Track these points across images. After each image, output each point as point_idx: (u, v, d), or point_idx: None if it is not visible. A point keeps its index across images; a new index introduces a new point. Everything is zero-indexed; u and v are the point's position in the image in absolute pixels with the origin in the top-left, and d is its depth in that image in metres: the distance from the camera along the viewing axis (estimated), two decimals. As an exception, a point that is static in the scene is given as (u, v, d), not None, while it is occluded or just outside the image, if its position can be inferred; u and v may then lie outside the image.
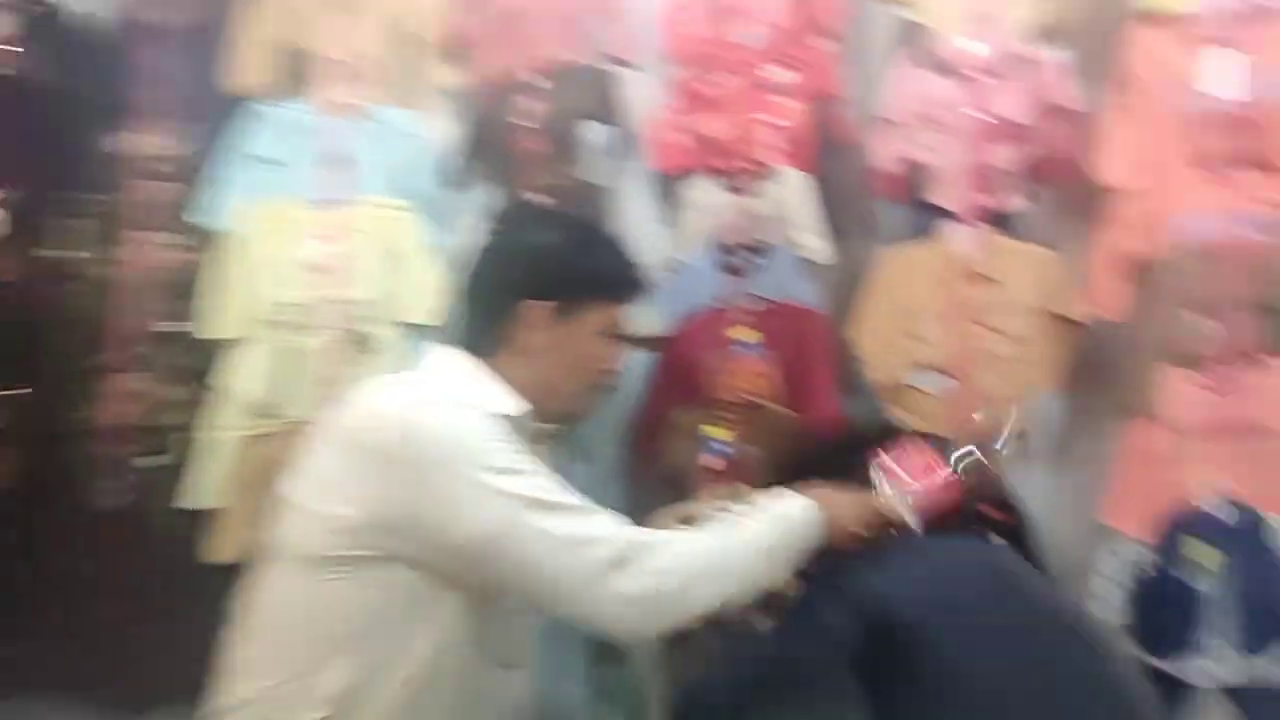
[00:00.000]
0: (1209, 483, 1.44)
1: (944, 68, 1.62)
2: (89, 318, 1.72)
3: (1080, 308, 1.58)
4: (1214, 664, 1.42)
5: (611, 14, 1.74)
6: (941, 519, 1.06)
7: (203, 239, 1.72)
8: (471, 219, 1.77)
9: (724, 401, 1.60)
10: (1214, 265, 1.48)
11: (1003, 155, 1.60)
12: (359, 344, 1.67)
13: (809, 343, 1.62)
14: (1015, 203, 1.61)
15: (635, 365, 1.73)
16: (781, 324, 1.63)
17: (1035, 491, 1.64)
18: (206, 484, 1.63)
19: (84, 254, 1.72)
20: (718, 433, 1.58)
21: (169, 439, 1.69)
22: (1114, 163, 1.57)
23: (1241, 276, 1.47)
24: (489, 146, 1.77)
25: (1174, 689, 1.43)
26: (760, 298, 1.63)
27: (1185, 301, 1.50)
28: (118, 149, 1.73)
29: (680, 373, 1.66)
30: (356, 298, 1.68)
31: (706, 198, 1.69)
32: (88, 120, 1.75)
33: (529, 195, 1.67)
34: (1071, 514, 1.66)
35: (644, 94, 1.77)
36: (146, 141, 1.71)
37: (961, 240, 1.59)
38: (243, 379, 1.64)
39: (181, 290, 1.71)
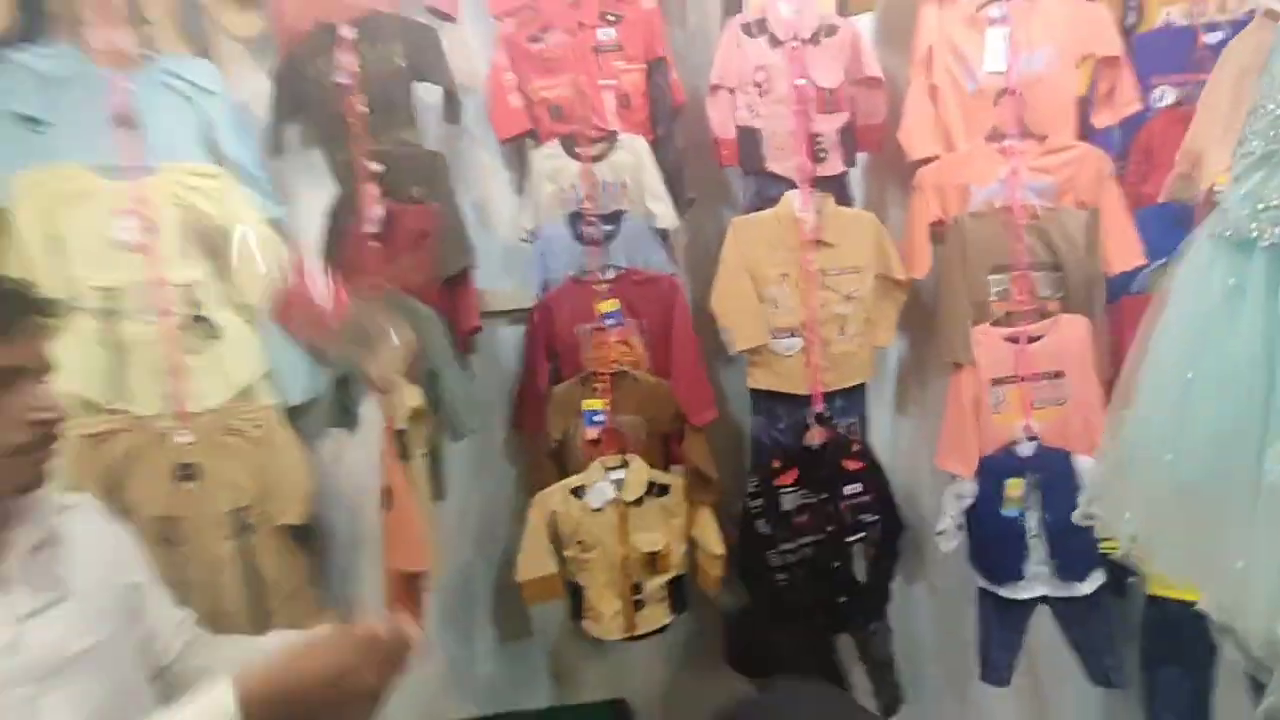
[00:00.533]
0: (1018, 425, 1.62)
1: (766, 33, 1.64)
2: None
3: (902, 267, 1.70)
4: (1037, 585, 1.62)
5: None
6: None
7: None
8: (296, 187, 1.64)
9: (595, 373, 1.60)
10: (1002, 228, 1.64)
11: (826, 122, 1.67)
12: (201, 330, 1.49)
13: (667, 309, 1.63)
14: (840, 169, 1.70)
15: (509, 342, 1.74)
16: (639, 292, 1.64)
17: (887, 440, 1.83)
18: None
19: None
20: (593, 404, 1.58)
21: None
22: (913, 134, 1.69)
23: (1025, 237, 1.64)
24: (305, 105, 1.60)
25: (1010, 605, 1.64)
26: (618, 267, 1.63)
27: (983, 261, 1.67)
28: None
29: (552, 344, 1.64)
30: (182, 279, 1.48)
31: (554, 164, 1.64)
32: None
33: (362, 161, 1.53)
34: (925, 458, 1.80)
35: (471, 50, 1.68)
36: None
37: (800, 206, 1.66)
38: (64, 374, 1.38)
39: None
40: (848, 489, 1.69)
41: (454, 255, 1.60)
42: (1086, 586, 1.66)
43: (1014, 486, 1.64)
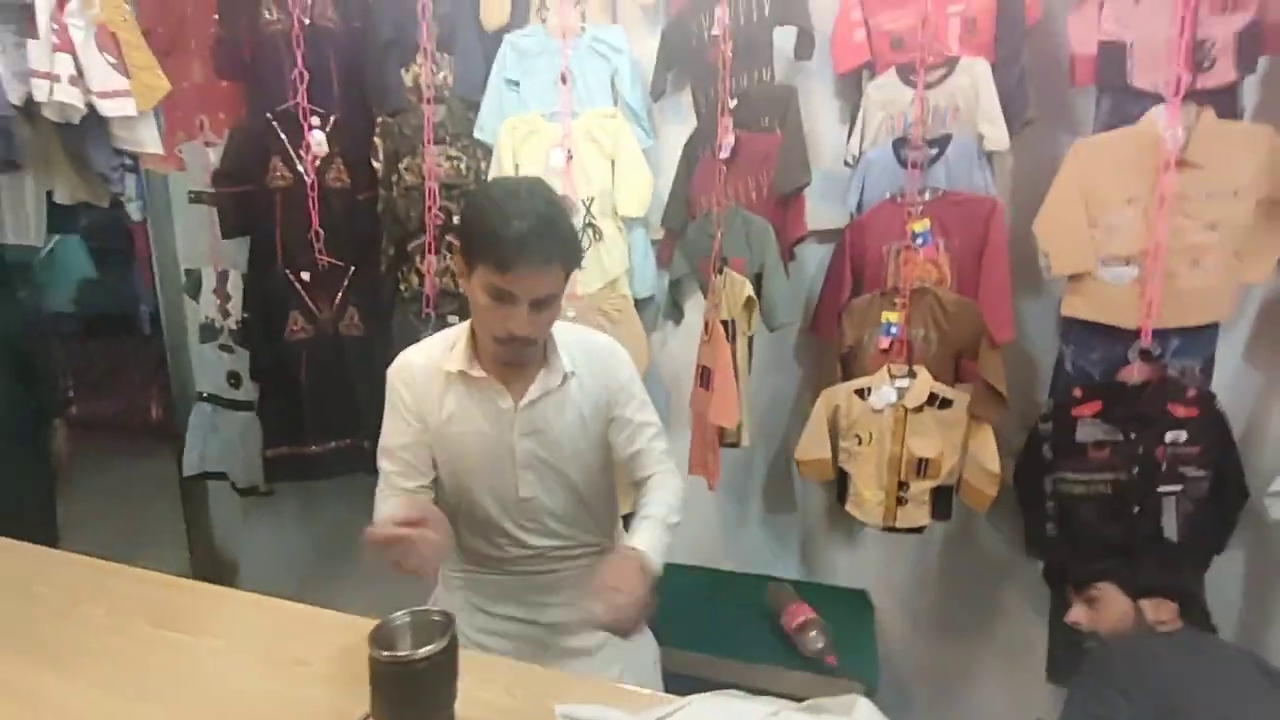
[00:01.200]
0: None
1: None
2: (396, 214, 1.94)
3: None
4: None
5: None
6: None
7: (473, 151, 1.86)
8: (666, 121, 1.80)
9: (897, 289, 1.51)
10: None
11: (1219, 25, 1.27)
12: (592, 232, 1.76)
13: (981, 230, 1.44)
14: (1231, 78, 1.29)
15: (815, 257, 1.73)
16: (955, 213, 1.46)
17: (1244, 390, 1.45)
18: None
19: (387, 164, 1.92)
20: (890, 316, 1.50)
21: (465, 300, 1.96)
22: None
23: None
24: (685, 55, 1.70)
25: None
26: (935, 189, 1.47)
27: None
28: (399, 79, 1.88)
29: (858, 261, 1.57)
30: (585, 194, 1.75)
31: (887, 93, 1.51)
32: (380, 56, 1.89)
33: (724, 97, 1.60)
34: (1269, 416, 1.43)
35: None
36: (423, 70, 1.84)
37: (1165, 124, 1.30)
38: None
39: (461, 192, 1.87)
40: (1170, 435, 1.34)
41: (793, 174, 1.57)
42: None
43: None
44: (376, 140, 1.93)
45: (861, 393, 1.54)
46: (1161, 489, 1.37)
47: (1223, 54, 1.30)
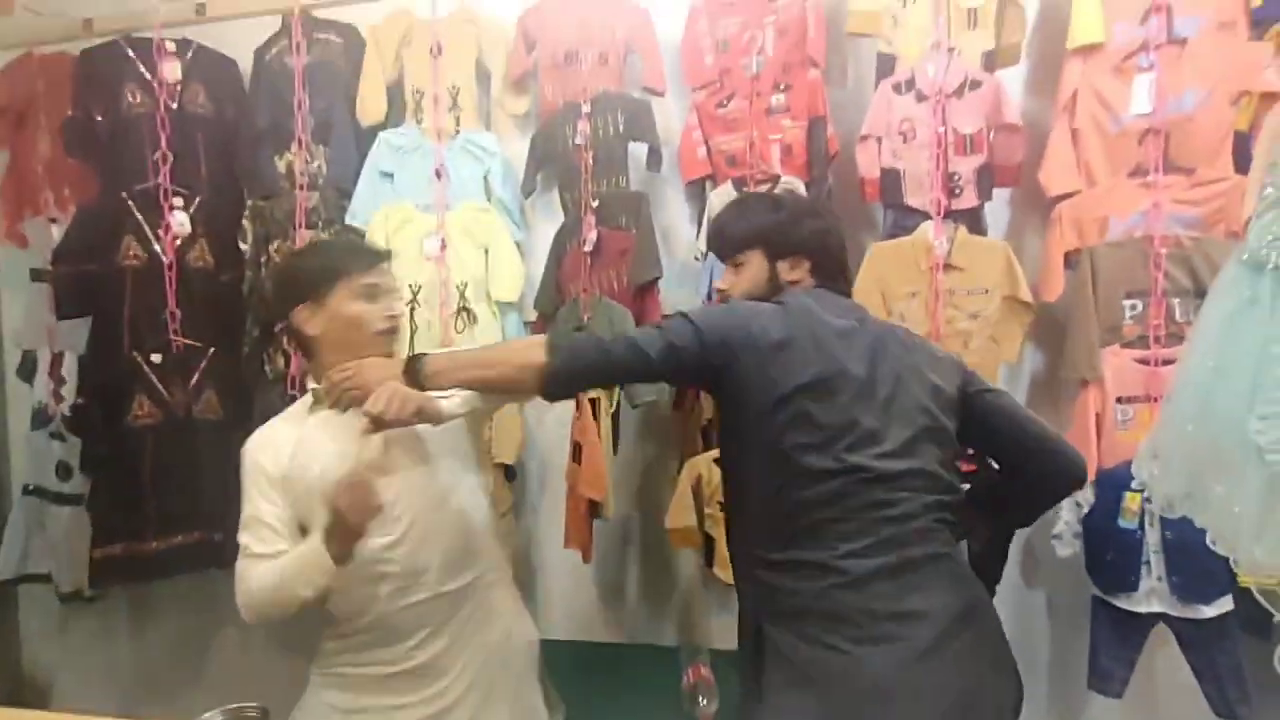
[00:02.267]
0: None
1: (914, 90, 1.67)
2: (264, 296, 1.90)
3: (1029, 291, 1.61)
4: (1154, 600, 1.49)
5: (645, 52, 1.84)
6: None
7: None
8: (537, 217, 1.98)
9: None
10: (1139, 255, 1.51)
11: (964, 163, 1.65)
12: (466, 317, 1.87)
13: None
14: (975, 203, 1.66)
15: None
16: None
17: None
18: None
19: (255, 246, 1.94)
20: None
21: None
22: (1054, 172, 1.60)
23: (1166, 265, 1.49)
24: (552, 161, 1.90)
25: (1124, 616, 1.51)
26: None
27: (1117, 287, 1.54)
28: (273, 166, 1.96)
29: None
30: (459, 280, 1.86)
31: (725, 200, 1.68)
32: (253, 142, 1.97)
33: (586, 198, 1.80)
34: None
35: (675, 116, 1.88)
36: (296, 159, 1.90)
37: (933, 235, 1.63)
38: None
39: None
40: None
41: (645, 268, 1.78)
42: (1210, 610, 1.44)
43: (1132, 500, 1.47)
44: (245, 223, 1.96)
45: (718, 461, 1.71)
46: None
47: (968, 185, 1.68)
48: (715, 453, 1.72)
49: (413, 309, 1.86)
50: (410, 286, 1.86)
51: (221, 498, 1.97)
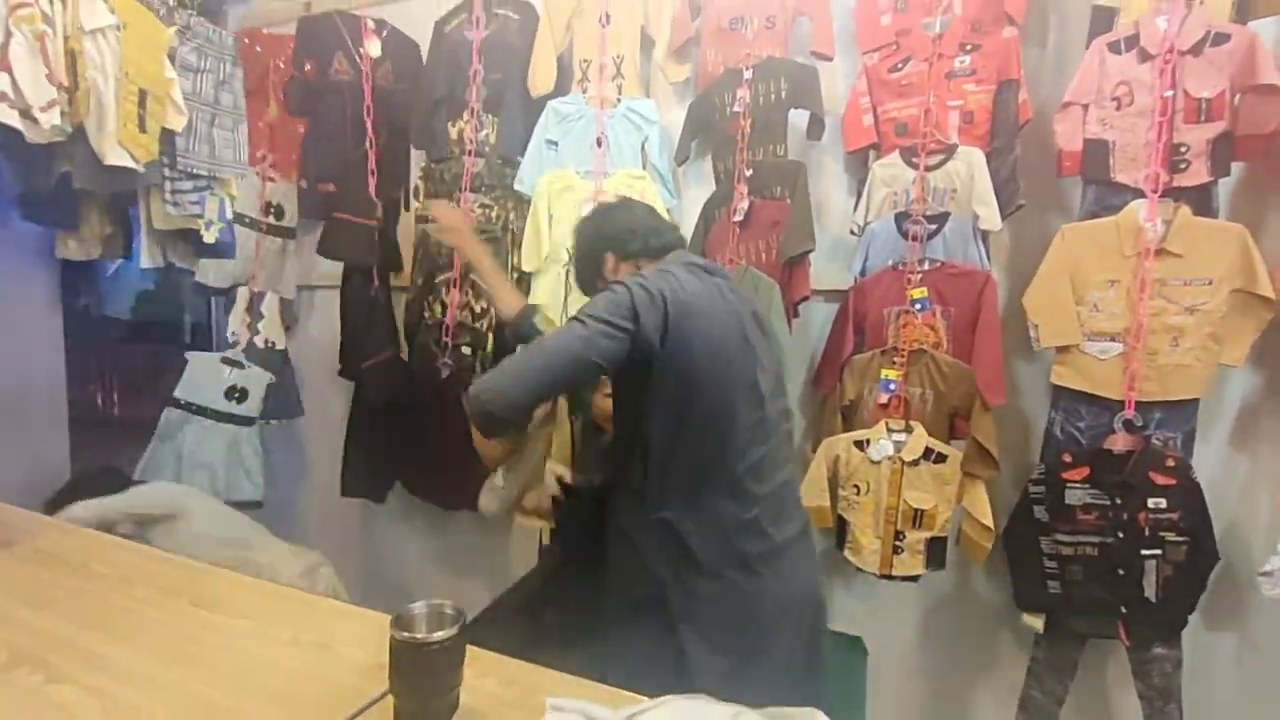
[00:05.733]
0: None
1: (1135, 48, 1.42)
2: (429, 249, 2.09)
3: (1270, 284, 1.34)
4: None
5: (814, 14, 1.72)
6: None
7: (504, 202, 2.01)
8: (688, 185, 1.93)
9: (896, 348, 1.59)
10: None
11: (1194, 132, 1.38)
12: None
13: (975, 300, 1.54)
14: (1205, 179, 1.40)
15: (821, 315, 1.81)
16: (951, 284, 1.56)
17: (1218, 467, 1.50)
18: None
19: (422, 204, 2.10)
20: (890, 374, 1.57)
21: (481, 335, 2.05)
22: None
23: None
24: (708, 129, 1.84)
25: None
26: (934, 260, 1.57)
27: None
28: (446, 131, 2.06)
29: (860, 321, 1.65)
30: None
31: (891, 172, 1.63)
32: (431, 110, 2.06)
33: (740, 167, 1.73)
34: (1264, 490, 1.47)
35: (841, 82, 1.75)
36: (468, 126, 2.00)
37: (1144, 215, 1.40)
38: (539, 298, 1.91)
39: (490, 236, 1.99)
40: (1152, 502, 1.39)
41: (798, 240, 1.67)
42: None
43: None
44: (419, 181, 2.08)
45: (860, 444, 1.60)
46: (1144, 552, 1.42)
47: (1197, 158, 1.42)
48: (854, 434, 1.62)
49: (568, 272, 1.90)
50: (568, 250, 1.90)
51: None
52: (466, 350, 2.06)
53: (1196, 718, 1.46)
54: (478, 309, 2.06)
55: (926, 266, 1.59)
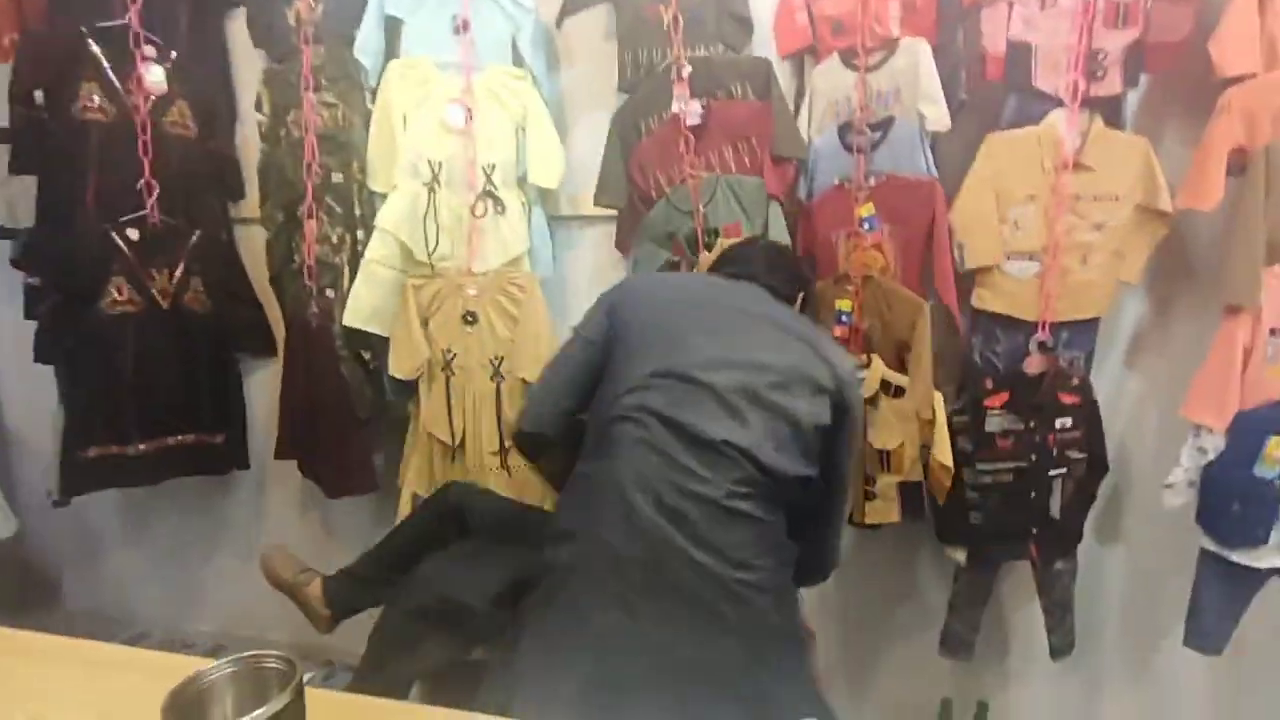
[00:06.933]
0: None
1: None
2: (285, 174, 1.64)
3: (1169, 200, 1.32)
4: (1277, 554, 1.28)
5: None
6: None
7: (350, 98, 1.60)
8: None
9: (848, 275, 1.45)
10: None
11: (1112, 38, 1.32)
12: (493, 204, 1.55)
13: (922, 213, 1.40)
14: (1117, 89, 1.34)
15: None
16: (898, 198, 1.41)
17: (1110, 385, 1.49)
18: (365, 308, 1.59)
19: (274, 118, 1.63)
20: (843, 304, 1.44)
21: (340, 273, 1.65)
22: (1229, 45, 1.25)
23: None
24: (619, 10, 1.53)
25: (1240, 573, 1.31)
26: (880, 174, 1.42)
27: None
28: (284, 19, 1.60)
29: (810, 248, 1.50)
30: (486, 160, 1.54)
31: (830, 79, 1.46)
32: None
33: (678, 64, 1.46)
34: (1159, 404, 1.50)
35: None
36: (301, 4, 1.57)
37: (1063, 126, 1.33)
38: (396, 224, 1.56)
39: (340, 144, 1.61)
40: (1059, 422, 1.37)
41: (789, 144, 1.48)
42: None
43: (1276, 446, 1.24)
44: (261, 89, 1.63)
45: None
46: (1052, 472, 1.42)
47: (1113, 66, 1.35)
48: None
49: (433, 191, 1.55)
50: (430, 163, 1.54)
51: (220, 398, 1.77)
52: (329, 294, 1.65)
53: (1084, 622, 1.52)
54: (334, 238, 1.64)
55: (872, 182, 1.44)
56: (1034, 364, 1.40)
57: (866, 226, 1.42)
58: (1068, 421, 1.41)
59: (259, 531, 2.03)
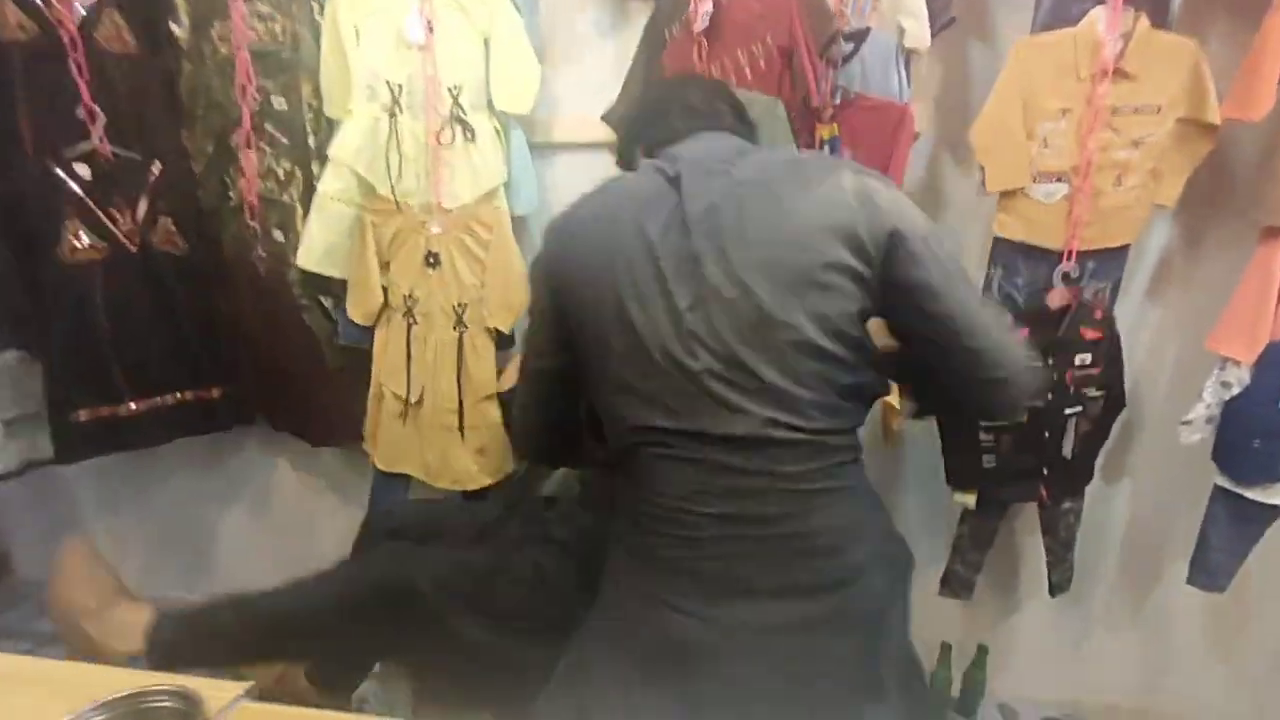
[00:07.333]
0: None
1: None
2: (213, 97, 1.45)
3: (1218, 111, 1.18)
4: None
5: None
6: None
7: (288, 8, 1.39)
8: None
9: None
10: None
11: None
12: (461, 131, 1.39)
13: (888, 140, 1.26)
14: None
15: None
16: (865, 119, 1.27)
17: (1133, 316, 1.41)
18: (319, 248, 1.46)
19: (195, 31, 1.43)
20: None
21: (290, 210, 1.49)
22: None
23: None
24: None
25: (1254, 510, 1.27)
26: (847, 91, 1.27)
27: None
28: None
29: None
30: (451, 81, 1.36)
31: None
32: None
33: None
34: (1181, 337, 1.41)
35: None
36: None
37: (1103, 27, 1.17)
38: (352, 155, 1.40)
39: (282, 62, 1.42)
40: (1079, 359, 1.29)
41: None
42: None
43: None
44: None
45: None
46: (1067, 411, 1.34)
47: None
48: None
49: (393, 116, 1.39)
50: (389, 84, 1.37)
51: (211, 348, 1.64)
52: (279, 235, 1.50)
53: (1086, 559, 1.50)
54: (281, 173, 1.48)
55: (839, 100, 1.28)
56: (1057, 297, 1.30)
57: (829, 150, 1.28)
58: (1087, 358, 1.32)
59: (267, 485, 1.96)
